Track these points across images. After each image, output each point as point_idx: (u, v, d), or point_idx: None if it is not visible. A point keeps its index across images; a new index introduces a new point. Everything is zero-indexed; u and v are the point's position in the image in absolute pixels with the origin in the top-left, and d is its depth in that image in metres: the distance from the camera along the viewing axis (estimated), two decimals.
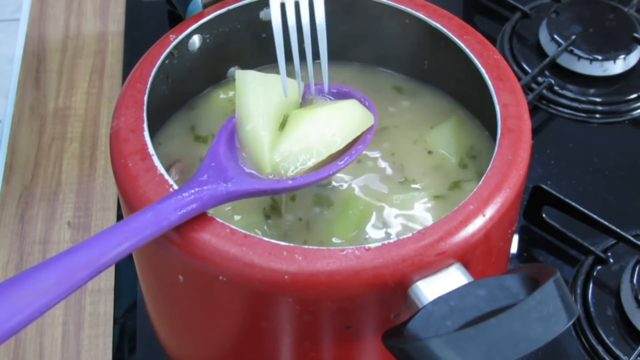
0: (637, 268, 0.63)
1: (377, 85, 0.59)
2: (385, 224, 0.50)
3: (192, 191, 0.43)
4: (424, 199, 0.51)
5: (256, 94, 0.48)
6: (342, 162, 0.47)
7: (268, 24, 0.58)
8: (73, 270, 0.38)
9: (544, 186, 0.68)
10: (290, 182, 0.45)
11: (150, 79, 0.51)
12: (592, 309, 0.63)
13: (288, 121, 0.47)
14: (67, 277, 0.37)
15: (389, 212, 0.51)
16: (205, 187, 0.43)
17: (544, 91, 0.79)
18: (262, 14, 0.57)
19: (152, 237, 0.41)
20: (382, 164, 0.54)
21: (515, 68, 0.82)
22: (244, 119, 0.47)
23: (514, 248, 0.69)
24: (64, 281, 0.37)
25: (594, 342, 0.62)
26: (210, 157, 0.46)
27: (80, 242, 0.39)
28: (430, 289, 0.42)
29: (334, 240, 0.49)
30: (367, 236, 0.50)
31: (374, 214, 0.51)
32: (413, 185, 0.53)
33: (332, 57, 0.60)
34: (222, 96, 0.59)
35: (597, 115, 0.79)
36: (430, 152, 0.55)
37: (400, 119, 0.57)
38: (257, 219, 0.50)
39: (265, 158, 0.46)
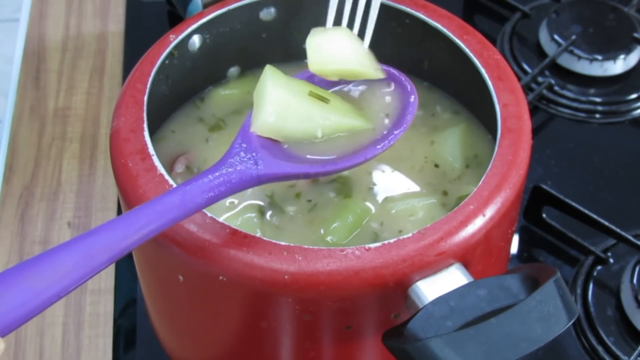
0: (637, 268, 0.63)
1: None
2: (382, 229, 0.50)
3: (221, 173, 0.41)
4: (424, 204, 0.51)
5: (277, 80, 0.46)
6: (380, 147, 0.44)
7: (268, 23, 0.58)
8: (94, 253, 0.36)
9: (544, 186, 0.68)
10: (324, 166, 0.43)
11: (150, 79, 0.51)
12: (592, 309, 0.63)
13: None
14: (87, 260, 0.36)
15: (388, 217, 0.50)
16: (234, 169, 0.41)
17: (544, 91, 0.79)
18: (262, 14, 0.57)
19: (177, 221, 0.39)
20: (383, 167, 0.54)
21: (515, 68, 0.82)
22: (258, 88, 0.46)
23: (514, 248, 0.69)
24: (84, 265, 0.36)
25: (594, 342, 0.62)
26: (241, 138, 0.43)
27: (102, 224, 0.37)
28: (430, 289, 0.42)
29: (328, 240, 0.49)
30: (363, 240, 0.50)
31: (373, 218, 0.50)
32: (414, 190, 0.52)
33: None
34: (225, 92, 0.59)
35: (597, 115, 0.79)
36: (434, 158, 0.54)
37: None
38: (251, 216, 0.50)
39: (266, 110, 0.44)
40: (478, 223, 0.44)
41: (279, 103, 0.44)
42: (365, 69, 0.47)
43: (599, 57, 0.80)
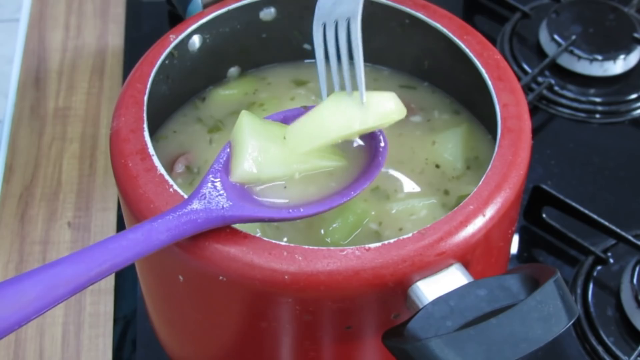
0: (637, 268, 0.63)
1: (377, 86, 0.59)
2: (382, 230, 0.50)
3: (188, 210, 0.41)
4: (425, 204, 0.51)
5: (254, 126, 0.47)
6: (346, 197, 0.45)
7: (268, 23, 0.58)
8: (57, 284, 0.37)
9: (544, 186, 0.68)
10: (289, 211, 0.44)
11: (150, 79, 0.51)
12: (592, 309, 0.63)
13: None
14: (50, 290, 0.36)
15: (388, 217, 0.50)
16: (201, 209, 0.42)
17: (544, 91, 0.79)
18: (262, 14, 0.57)
19: (140, 257, 0.40)
20: (383, 168, 0.54)
21: (515, 68, 0.82)
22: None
23: (514, 248, 0.69)
24: (47, 295, 0.36)
25: (594, 342, 0.62)
26: (212, 175, 0.44)
27: (67, 256, 0.38)
28: (430, 289, 0.42)
29: (328, 240, 0.49)
30: (364, 240, 0.49)
31: (372, 219, 0.50)
32: (414, 191, 0.52)
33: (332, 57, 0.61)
34: (225, 92, 0.59)
35: (597, 115, 0.79)
36: (435, 158, 0.54)
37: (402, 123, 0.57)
38: None
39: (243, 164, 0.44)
40: (478, 223, 0.44)
41: (257, 151, 0.44)
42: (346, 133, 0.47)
43: (599, 57, 0.80)
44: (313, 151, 0.46)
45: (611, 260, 0.66)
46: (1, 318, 0.35)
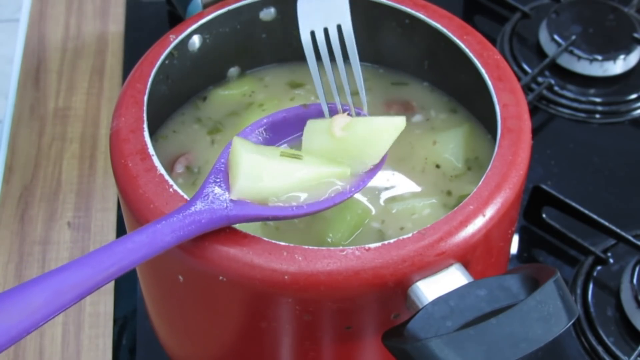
0: (637, 268, 0.63)
1: (377, 85, 0.59)
2: (382, 230, 0.50)
3: (192, 212, 0.42)
4: (425, 204, 0.51)
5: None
6: (349, 192, 0.46)
7: (268, 23, 0.58)
8: (64, 289, 0.36)
9: (544, 186, 0.68)
10: (293, 209, 0.44)
11: (150, 79, 0.51)
12: (592, 309, 0.63)
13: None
14: (57, 296, 0.36)
15: (389, 217, 0.50)
16: (205, 209, 0.42)
17: (544, 91, 0.79)
18: (262, 14, 0.57)
19: (146, 259, 0.40)
20: (384, 167, 0.54)
21: (515, 68, 0.82)
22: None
23: (514, 248, 0.69)
24: (54, 301, 0.36)
25: (594, 342, 0.62)
26: (214, 176, 0.44)
27: (73, 261, 0.38)
28: (430, 289, 0.42)
29: (329, 240, 0.49)
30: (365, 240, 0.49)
31: (372, 219, 0.50)
32: (415, 190, 0.52)
33: (331, 57, 0.61)
34: (225, 92, 0.59)
35: (597, 116, 0.79)
36: (435, 158, 0.54)
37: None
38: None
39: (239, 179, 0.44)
40: (478, 223, 0.44)
41: (252, 166, 0.44)
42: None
43: (599, 57, 0.80)
44: (314, 159, 0.46)
45: (611, 260, 0.66)
46: (8, 327, 0.35)
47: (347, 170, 0.46)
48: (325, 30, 0.47)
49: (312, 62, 0.48)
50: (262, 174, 0.44)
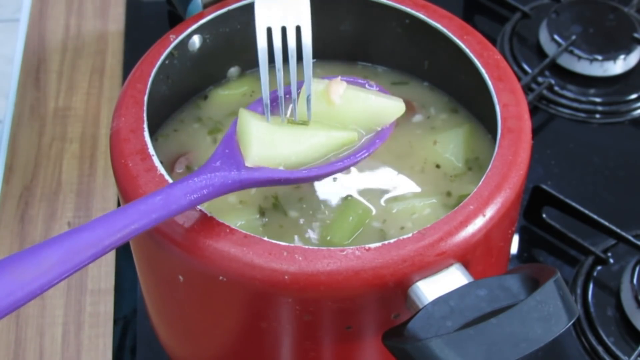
0: (637, 268, 0.63)
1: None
2: (384, 230, 0.50)
3: (204, 177, 0.42)
4: (425, 204, 0.51)
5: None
6: (359, 156, 0.46)
7: None
8: (76, 249, 0.37)
9: (544, 186, 0.68)
10: (304, 172, 0.45)
11: (150, 79, 0.51)
12: (592, 309, 0.63)
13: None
14: (70, 256, 0.37)
15: (389, 217, 0.50)
16: (217, 174, 0.43)
17: (544, 91, 0.79)
18: None
19: (159, 221, 0.40)
20: (384, 167, 0.54)
21: (515, 68, 0.82)
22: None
23: (514, 248, 0.69)
24: (67, 260, 0.37)
25: (594, 342, 0.62)
26: (225, 145, 0.45)
27: (86, 223, 0.38)
28: (430, 289, 0.42)
29: (329, 239, 0.49)
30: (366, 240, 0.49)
31: (373, 219, 0.50)
32: (415, 190, 0.52)
33: (331, 57, 0.61)
34: (225, 92, 0.59)
35: (597, 116, 0.79)
36: (435, 158, 0.54)
37: (402, 121, 0.57)
38: (254, 217, 0.50)
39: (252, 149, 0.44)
40: (478, 223, 0.44)
41: (264, 133, 0.45)
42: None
43: (599, 57, 0.80)
44: (320, 125, 0.46)
45: (611, 260, 0.66)
46: (22, 283, 0.35)
47: (354, 135, 0.47)
48: (283, 29, 0.47)
49: (263, 56, 0.47)
50: (274, 140, 0.45)
